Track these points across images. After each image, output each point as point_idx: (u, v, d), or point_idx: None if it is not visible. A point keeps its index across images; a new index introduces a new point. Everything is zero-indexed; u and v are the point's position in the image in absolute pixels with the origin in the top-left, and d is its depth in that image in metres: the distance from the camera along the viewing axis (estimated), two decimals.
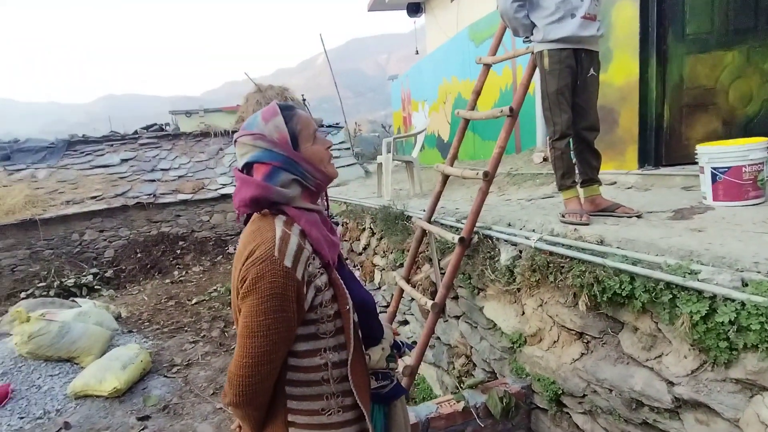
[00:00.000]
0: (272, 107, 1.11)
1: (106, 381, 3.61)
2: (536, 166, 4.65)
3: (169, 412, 3.48)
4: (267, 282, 0.96)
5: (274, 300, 0.97)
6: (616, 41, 3.24)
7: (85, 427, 3.27)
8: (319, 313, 1.05)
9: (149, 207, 7.78)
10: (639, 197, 2.84)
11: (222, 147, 9.51)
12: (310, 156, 1.10)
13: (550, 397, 2.05)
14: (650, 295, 1.56)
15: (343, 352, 1.09)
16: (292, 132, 1.09)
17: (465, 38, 6.94)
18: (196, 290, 6.32)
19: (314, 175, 1.11)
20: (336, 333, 1.08)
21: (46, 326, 3.96)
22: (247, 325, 0.98)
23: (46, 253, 7.26)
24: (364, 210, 4.72)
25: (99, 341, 4.23)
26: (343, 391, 1.09)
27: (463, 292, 2.82)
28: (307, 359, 1.06)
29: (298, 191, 1.09)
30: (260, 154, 1.07)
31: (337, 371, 1.08)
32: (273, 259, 0.97)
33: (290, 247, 1.00)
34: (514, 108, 2.40)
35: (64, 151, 8.76)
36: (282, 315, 0.98)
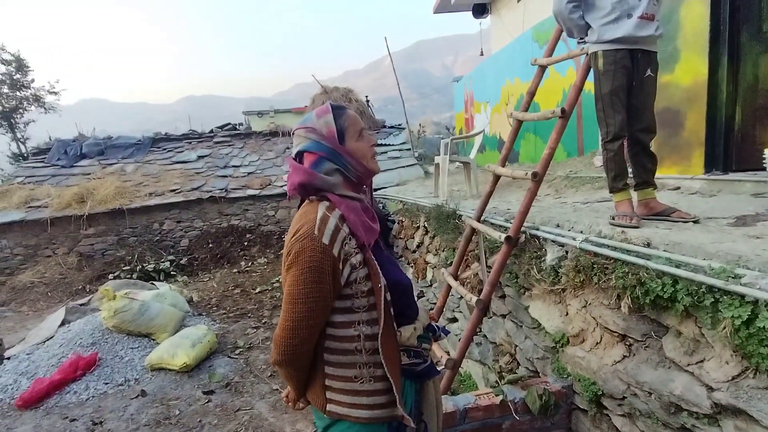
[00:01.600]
0: (326, 106, 1.28)
1: (177, 356, 3.97)
2: (596, 170, 4.52)
3: (231, 389, 3.78)
4: (307, 256, 1.13)
5: (312, 272, 1.12)
6: (684, 40, 3.10)
7: (159, 396, 3.63)
8: (354, 288, 1.19)
9: (221, 201, 8.35)
10: (702, 203, 2.72)
11: (289, 146, 9.99)
12: (354, 150, 1.25)
13: (590, 398, 2.04)
14: (693, 299, 1.54)
15: (375, 326, 1.21)
16: (339, 128, 1.24)
17: (529, 39, 6.83)
18: (260, 280, 6.73)
19: (356, 168, 1.25)
20: (369, 308, 1.21)
21: (129, 304, 4.39)
22: (290, 293, 1.15)
23: (131, 240, 8.06)
24: (419, 209, 4.82)
25: (173, 320, 4.64)
26: (374, 362, 1.21)
27: (509, 291, 2.85)
28: (342, 330, 1.21)
29: (340, 180, 1.24)
30: (310, 144, 1.24)
31: (369, 343, 1.21)
32: (313, 236, 1.13)
33: (328, 227, 1.15)
34: (566, 109, 2.41)
35: (149, 148, 9.67)
36: (319, 286, 1.13)
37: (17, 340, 4.91)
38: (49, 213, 7.64)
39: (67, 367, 3.79)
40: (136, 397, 3.60)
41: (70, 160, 9.18)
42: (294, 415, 3.23)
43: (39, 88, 15.32)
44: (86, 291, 6.97)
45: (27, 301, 6.90)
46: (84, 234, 7.86)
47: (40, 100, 15.28)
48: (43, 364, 3.99)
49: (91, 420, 3.29)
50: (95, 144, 9.54)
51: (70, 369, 3.79)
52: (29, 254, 7.74)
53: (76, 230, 7.81)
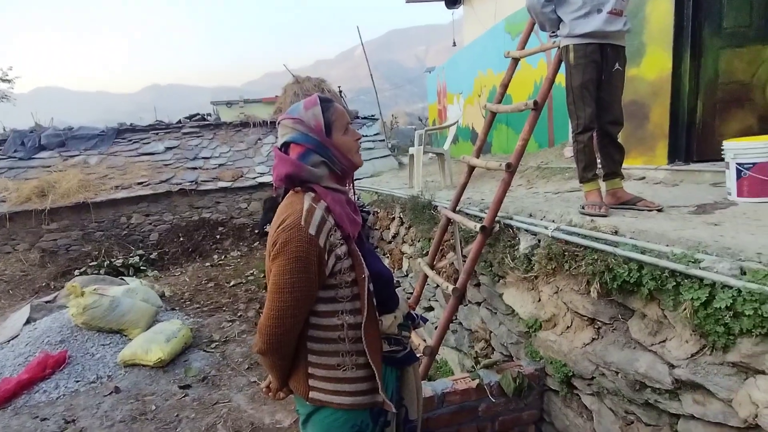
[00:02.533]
0: (314, 98, 1.29)
1: (151, 352, 3.91)
2: (566, 160, 4.65)
3: (208, 382, 3.75)
4: (293, 246, 1.14)
5: (298, 262, 1.14)
6: (650, 35, 3.22)
7: (133, 392, 3.57)
8: (338, 279, 1.22)
9: (191, 193, 8.17)
10: (665, 192, 2.85)
11: (260, 137, 9.83)
12: (340, 144, 1.27)
13: (561, 379, 2.14)
14: (657, 283, 1.64)
15: (359, 315, 1.24)
16: (327, 121, 1.26)
17: (501, 31, 6.92)
18: (233, 273, 6.64)
19: (341, 161, 1.28)
20: (352, 298, 1.24)
21: (98, 300, 4.28)
22: (276, 282, 1.17)
23: (97, 235, 7.79)
24: (395, 200, 4.86)
25: (145, 316, 4.55)
26: (357, 350, 1.24)
27: (484, 279, 2.93)
28: (326, 319, 1.23)
29: (326, 172, 1.26)
30: (297, 136, 1.25)
31: (352, 332, 1.24)
32: (299, 227, 1.15)
33: (315, 218, 1.17)
34: (538, 101, 2.47)
35: (113, 139, 9.32)
36: (305, 276, 1.15)
37: None
38: (8, 208, 7.31)
39: (35, 365, 3.68)
40: (109, 394, 3.53)
41: (28, 152, 8.74)
42: (273, 406, 3.24)
43: None
44: (50, 288, 6.70)
45: None
46: (46, 229, 7.55)
47: None
48: (9, 364, 3.86)
49: (63, 418, 3.21)
50: (55, 135, 9.10)
51: (39, 368, 3.67)
52: None
53: (37, 225, 7.49)
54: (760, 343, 1.34)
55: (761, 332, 1.31)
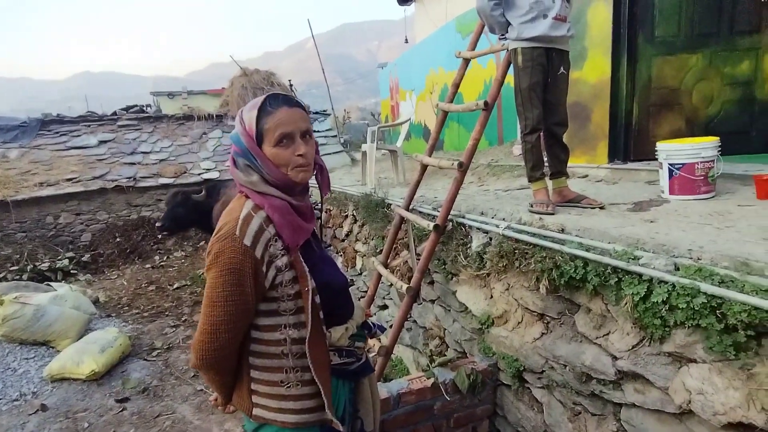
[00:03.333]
0: (258, 100, 1.16)
1: (83, 364, 3.62)
2: (515, 158, 4.81)
3: (149, 394, 3.52)
4: (227, 257, 1.07)
5: (231, 274, 1.07)
6: (591, 41, 3.38)
7: (63, 409, 3.29)
8: (279, 291, 1.14)
9: (129, 190, 7.69)
10: (606, 190, 3.01)
11: (206, 131, 9.40)
12: (271, 156, 1.14)
13: (513, 374, 2.21)
14: (600, 279, 1.71)
15: (303, 329, 1.16)
16: (259, 130, 1.14)
17: (452, 30, 7.02)
18: (177, 275, 6.33)
19: (273, 174, 1.15)
20: (296, 311, 1.16)
21: (20, 309, 3.93)
22: (209, 295, 1.10)
23: (18, 237, 7.12)
24: (348, 197, 4.81)
25: (76, 325, 4.22)
26: (302, 366, 1.17)
27: (438, 277, 2.96)
28: (268, 333, 1.16)
29: (257, 178, 1.15)
30: (233, 135, 1.18)
31: (296, 347, 1.16)
32: (234, 237, 1.08)
33: (251, 228, 1.10)
34: (489, 102, 2.51)
35: (37, 131, 8.54)
36: (239, 289, 1.08)
37: None
38: None
39: None
40: (35, 413, 3.23)
41: None
42: (221, 416, 3.10)
43: None
44: None
45: None
46: None
47: None
48: None
49: None
50: None
51: None
52: None
53: None
54: (691, 333, 1.43)
55: (692, 324, 1.41)
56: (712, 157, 2.35)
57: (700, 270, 1.40)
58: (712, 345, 1.35)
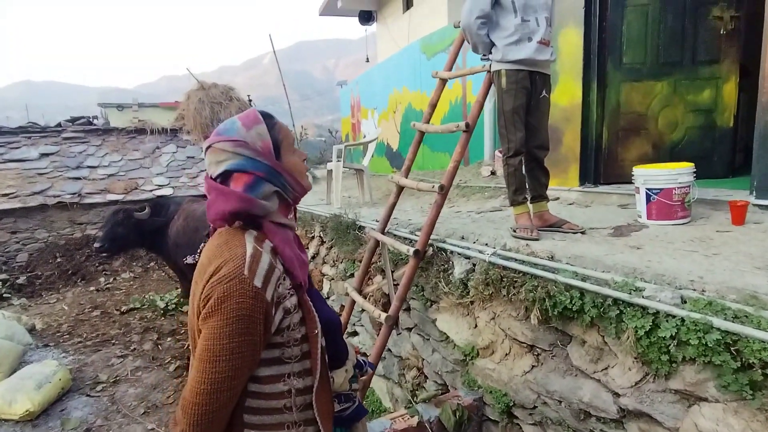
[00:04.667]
0: (253, 114, 1.05)
1: (16, 403, 3.23)
2: (484, 179, 4.81)
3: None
4: (234, 302, 0.89)
5: (240, 322, 0.89)
6: (562, 65, 3.43)
7: None
8: (285, 336, 0.99)
9: (73, 207, 7.13)
10: (580, 213, 3.01)
11: (159, 145, 8.95)
12: (291, 167, 1.05)
13: (502, 409, 2.09)
14: (599, 310, 1.64)
15: (308, 377, 1.03)
16: (275, 141, 1.03)
17: (417, 50, 7.07)
18: (125, 299, 5.86)
19: (294, 188, 1.05)
20: (302, 358, 1.02)
21: None
22: (209, 348, 0.90)
23: None
24: (314, 218, 4.62)
25: (8, 357, 3.78)
26: (305, 419, 1.03)
27: (415, 304, 2.83)
28: (269, 385, 0.99)
29: (277, 204, 1.03)
30: (242, 162, 0.99)
31: (300, 398, 1.02)
32: (242, 278, 0.90)
33: (261, 266, 0.93)
34: (470, 123, 2.45)
35: None
36: (248, 338, 0.91)
37: None
38: None
39: None
40: None
41: None
42: None
43: None
44: None
45: None
46: None
47: None
48: None
49: None
50: None
51: None
52: None
53: None
54: (702, 370, 1.37)
55: (704, 360, 1.35)
56: (689, 183, 2.39)
57: (710, 304, 1.35)
58: (726, 383, 1.29)
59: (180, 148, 9.00)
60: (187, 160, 8.81)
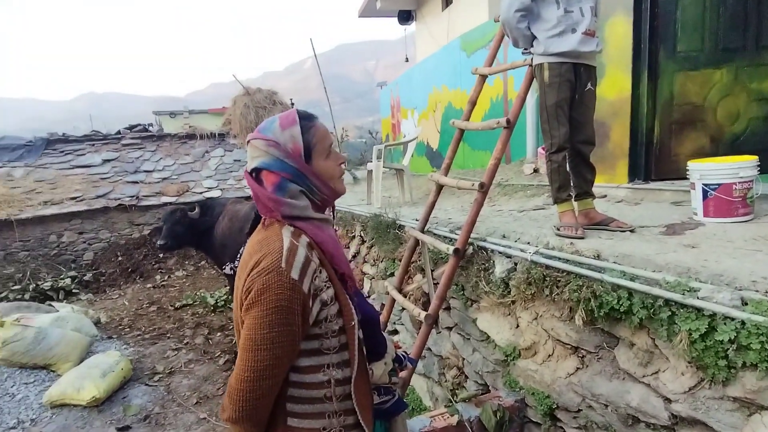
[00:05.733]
0: (291, 114, 1.08)
1: (84, 389, 3.48)
2: (526, 177, 4.69)
3: (151, 422, 3.37)
4: (273, 294, 0.94)
5: (279, 313, 0.94)
6: (609, 57, 3.29)
7: None
8: (323, 327, 1.03)
9: (131, 209, 7.62)
10: (630, 211, 2.87)
11: (208, 149, 9.39)
12: (321, 171, 1.08)
13: (545, 412, 2.04)
14: (648, 312, 1.57)
15: (347, 369, 1.06)
16: (306, 144, 1.06)
17: (456, 48, 6.99)
18: (178, 295, 6.18)
19: (321, 191, 1.09)
20: (340, 349, 1.05)
21: (21, 332, 3.82)
22: (251, 337, 0.95)
23: (21, 255, 7.03)
24: (354, 217, 4.68)
25: (77, 348, 4.09)
26: (345, 409, 1.06)
27: (455, 303, 2.81)
28: (310, 375, 1.03)
29: (307, 203, 1.07)
30: (271, 162, 1.04)
31: (340, 389, 1.05)
32: (280, 270, 0.95)
33: (298, 259, 0.98)
34: (511, 120, 2.41)
35: (42, 150, 8.53)
36: (287, 328, 0.95)
37: None
38: None
39: None
40: None
41: None
42: None
43: None
44: None
45: None
46: None
47: None
48: None
49: None
50: None
51: None
52: None
53: None
54: (764, 377, 1.28)
55: (767, 366, 1.25)
56: (751, 177, 2.23)
57: None
58: None
59: (227, 152, 9.39)
60: (234, 164, 9.17)
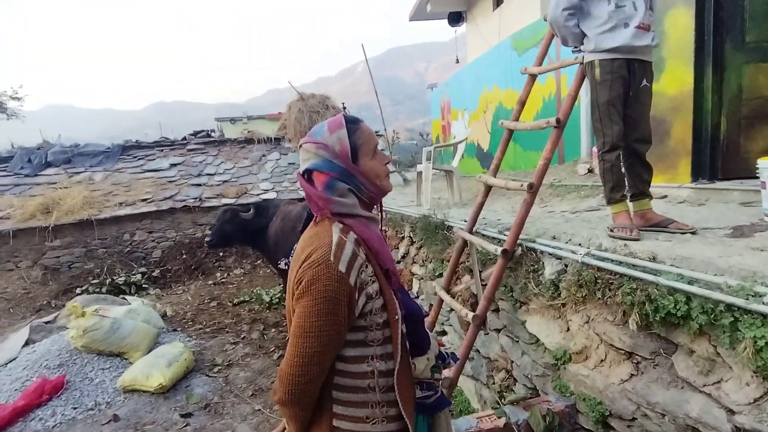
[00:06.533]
0: (339, 119, 1.16)
1: (152, 377, 3.76)
2: (580, 178, 4.54)
3: (210, 410, 3.58)
4: (321, 285, 1.01)
5: (327, 303, 1.01)
6: (669, 50, 3.13)
7: (132, 420, 3.41)
8: (368, 320, 1.08)
9: (195, 210, 8.09)
10: (692, 212, 2.72)
11: (264, 153, 9.79)
12: (368, 170, 1.15)
13: (597, 418, 1.98)
14: (708, 317, 1.49)
15: (390, 361, 1.11)
16: (353, 145, 1.13)
17: (507, 47, 6.88)
18: (236, 292, 6.51)
19: (368, 188, 1.15)
20: (384, 342, 1.10)
21: (99, 322, 4.14)
22: (300, 325, 1.03)
23: (99, 252, 7.68)
24: (404, 218, 4.73)
25: (146, 338, 4.41)
26: (388, 401, 1.10)
27: (504, 305, 2.78)
28: (354, 365, 1.09)
29: (355, 200, 1.14)
30: (320, 162, 1.12)
31: (383, 380, 1.10)
32: (328, 263, 1.02)
33: (345, 253, 1.04)
34: (561, 119, 2.36)
35: (118, 156, 9.29)
36: (333, 318, 1.02)
37: None
38: (12, 224, 7.21)
39: (31, 391, 3.52)
40: (107, 423, 3.37)
41: (34, 169, 8.70)
42: None
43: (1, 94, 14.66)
44: (52, 306, 6.57)
45: None
46: (49, 246, 7.44)
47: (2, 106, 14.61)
48: (5, 389, 3.71)
49: None
50: (61, 152, 9.08)
51: (35, 394, 3.52)
52: None
53: (40, 242, 7.38)
54: None
55: None
56: None
57: None
58: None
59: (282, 155, 9.76)
60: (289, 166, 9.51)
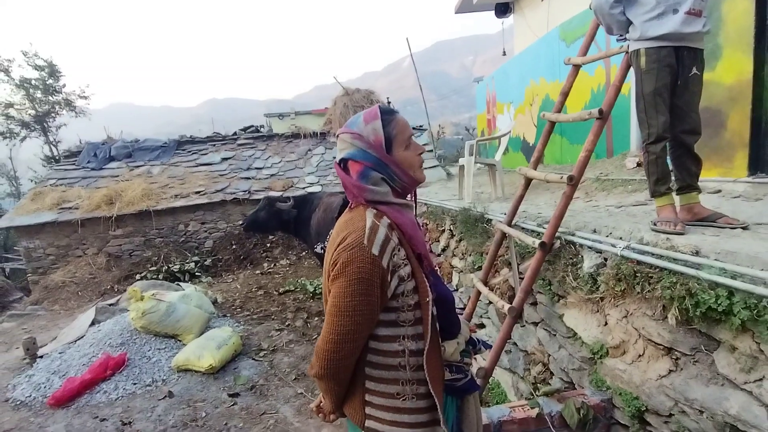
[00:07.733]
0: (374, 110, 1.22)
1: (203, 358, 4.00)
2: (628, 172, 4.37)
3: (256, 391, 3.78)
4: (356, 267, 1.08)
5: (360, 284, 1.08)
6: (726, 37, 2.96)
7: (185, 397, 3.66)
8: (400, 301, 1.15)
9: (244, 202, 8.44)
10: (747, 207, 2.58)
11: (311, 148, 10.05)
12: (401, 160, 1.20)
13: (633, 414, 1.95)
14: (752, 313, 1.45)
15: (421, 341, 1.16)
16: (387, 136, 1.19)
17: (555, 38, 6.68)
18: (282, 282, 6.76)
19: (401, 178, 1.20)
20: (415, 323, 1.16)
21: (156, 305, 4.45)
22: (336, 304, 1.10)
23: (157, 241, 8.21)
24: (444, 212, 4.75)
25: (198, 322, 4.69)
26: (418, 379, 1.17)
27: (542, 298, 2.76)
28: (386, 344, 1.16)
29: (388, 189, 1.20)
30: (355, 152, 1.19)
31: (413, 359, 1.16)
32: (362, 246, 1.09)
33: (378, 237, 1.11)
34: (604, 110, 2.31)
35: (174, 150, 9.85)
36: (366, 298, 1.09)
37: (49, 338, 5.04)
38: (80, 214, 7.84)
39: (97, 366, 3.86)
40: (163, 398, 3.63)
41: (99, 163, 9.41)
42: (319, 421, 3.20)
43: (70, 93, 15.94)
44: (114, 291, 7.12)
45: (59, 300, 7.10)
46: (112, 235, 8.04)
47: (71, 104, 15.85)
48: (75, 363, 4.07)
49: (121, 420, 3.33)
50: (123, 147, 9.77)
51: (100, 369, 3.85)
52: (61, 254, 7.96)
53: (105, 231, 8.00)
54: None
55: None
56: None
57: None
58: None
59: (328, 150, 9.97)
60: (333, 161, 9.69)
